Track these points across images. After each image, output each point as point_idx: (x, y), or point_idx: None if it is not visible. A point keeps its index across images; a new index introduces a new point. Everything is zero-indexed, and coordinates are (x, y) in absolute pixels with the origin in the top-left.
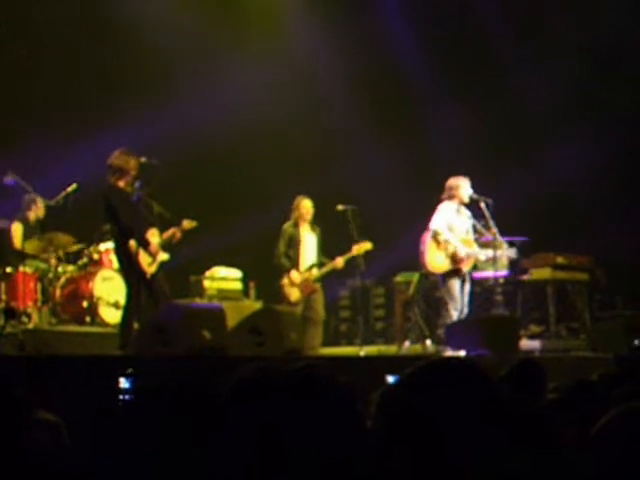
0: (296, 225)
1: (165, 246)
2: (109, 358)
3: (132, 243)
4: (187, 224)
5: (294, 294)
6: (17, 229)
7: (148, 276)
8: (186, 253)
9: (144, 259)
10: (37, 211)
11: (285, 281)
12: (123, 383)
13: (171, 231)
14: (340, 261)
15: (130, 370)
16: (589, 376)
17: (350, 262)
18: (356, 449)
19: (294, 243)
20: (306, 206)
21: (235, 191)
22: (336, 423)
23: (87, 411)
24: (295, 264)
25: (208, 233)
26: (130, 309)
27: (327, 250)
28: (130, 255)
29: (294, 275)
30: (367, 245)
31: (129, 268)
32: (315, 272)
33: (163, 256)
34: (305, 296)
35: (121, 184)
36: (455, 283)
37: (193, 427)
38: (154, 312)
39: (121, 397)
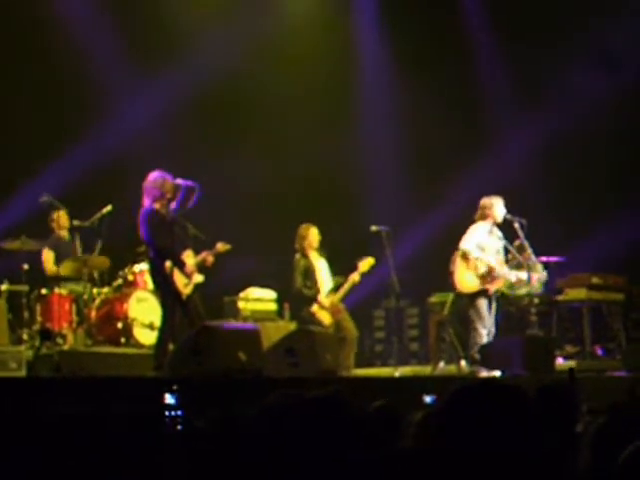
0: (305, 255)
1: (199, 268)
2: (146, 379)
3: (168, 264)
4: (221, 247)
5: (326, 318)
6: (48, 256)
7: (183, 297)
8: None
9: (179, 280)
10: (62, 223)
11: (315, 308)
12: (168, 399)
13: (204, 254)
14: (356, 276)
15: (175, 387)
16: (623, 397)
17: (385, 283)
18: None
19: (309, 273)
20: (313, 234)
21: (269, 212)
22: (355, 448)
23: (131, 431)
24: (317, 292)
25: (242, 254)
26: (165, 330)
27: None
28: (166, 276)
29: (323, 299)
30: (370, 260)
31: (165, 289)
32: (337, 294)
33: (198, 278)
34: (335, 318)
35: (157, 206)
36: (483, 303)
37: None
38: (189, 333)
39: (167, 413)
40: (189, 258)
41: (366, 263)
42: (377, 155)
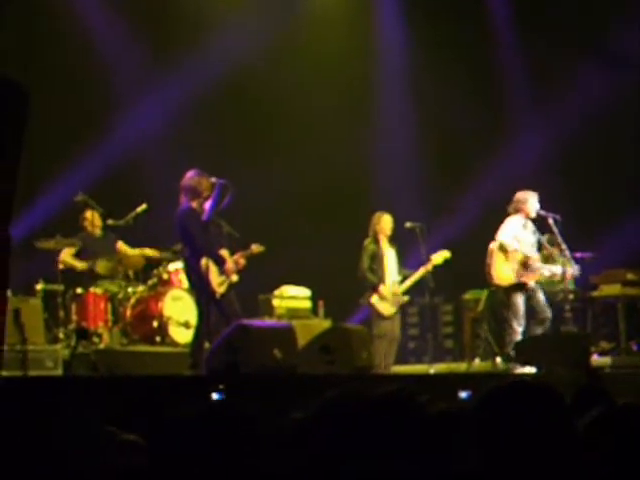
0: (376, 241)
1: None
2: (183, 378)
3: (203, 262)
4: (255, 249)
5: (387, 309)
6: (65, 252)
7: (218, 296)
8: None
9: (215, 279)
10: (94, 222)
11: (374, 298)
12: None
13: (236, 256)
14: (429, 268)
15: (221, 386)
16: None
17: (418, 280)
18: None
19: (377, 259)
20: (386, 221)
21: (303, 210)
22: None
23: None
24: (381, 279)
25: (277, 252)
26: (201, 329)
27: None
28: (201, 275)
29: (383, 289)
30: (446, 253)
31: (200, 288)
32: (403, 285)
33: (233, 277)
34: (397, 310)
35: (194, 205)
36: (519, 298)
37: None
38: (225, 331)
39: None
40: (226, 257)
41: (440, 256)
42: (402, 151)
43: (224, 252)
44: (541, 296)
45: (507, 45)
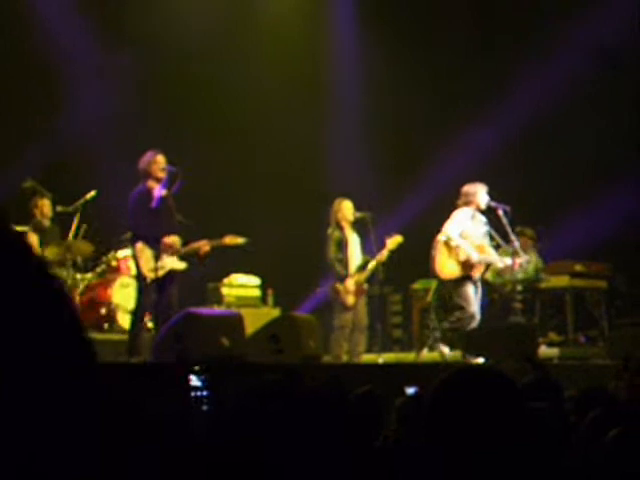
0: (340, 228)
1: (187, 255)
2: (128, 366)
3: (138, 246)
4: (230, 239)
5: (350, 299)
6: (32, 240)
7: (149, 281)
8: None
9: (146, 264)
10: (45, 211)
11: (340, 287)
12: (194, 381)
13: (201, 243)
14: (384, 254)
15: (198, 367)
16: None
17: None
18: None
19: (342, 246)
20: (347, 207)
21: (252, 197)
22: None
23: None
24: (346, 268)
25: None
26: (136, 313)
27: None
28: (136, 258)
29: (349, 283)
30: (399, 238)
31: (137, 272)
32: (363, 273)
33: (176, 264)
34: (358, 300)
35: (151, 185)
36: (469, 288)
37: None
38: (172, 319)
39: (194, 394)
40: (172, 244)
41: (394, 241)
42: (354, 138)
43: (173, 238)
44: (480, 293)
45: (459, 35)
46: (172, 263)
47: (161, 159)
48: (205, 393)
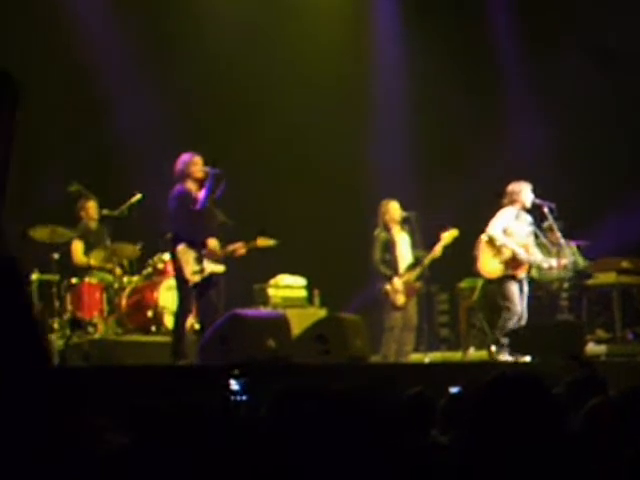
0: (387, 229)
1: (225, 258)
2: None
3: (180, 248)
4: (261, 242)
5: (400, 299)
6: (77, 247)
7: (191, 284)
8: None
9: (189, 267)
10: (91, 214)
11: (388, 287)
12: (233, 385)
13: (237, 245)
14: (438, 249)
15: (237, 371)
16: None
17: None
18: None
19: (389, 247)
20: (394, 208)
21: (299, 199)
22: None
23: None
24: (395, 269)
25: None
26: (180, 316)
27: None
28: (177, 260)
29: (396, 282)
30: (454, 232)
31: (177, 274)
32: (414, 272)
33: (215, 268)
34: (409, 299)
35: (188, 187)
36: (513, 287)
37: None
38: (218, 321)
39: (234, 398)
40: (213, 247)
41: (449, 235)
42: (398, 139)
43: (212, 242)
44: (525, 291)
45: (504, 36)
46: (212, 266)
47: (199, 160)
48: (244, 397)
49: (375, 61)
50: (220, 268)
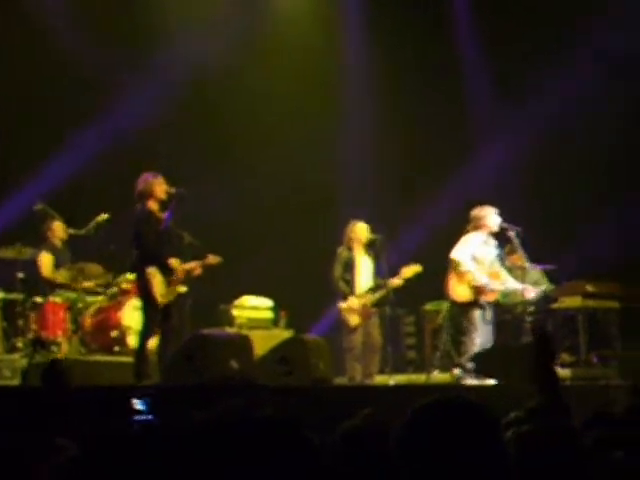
0: (350, 249)
1: (184, 278)
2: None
3: (149, 270)
4: (212, 259)
5: (353, 319)
6: (46, 259)
7: (160, 305)
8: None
9: (159, 288)
10: (58, 234)
11: (344, 306)
12: (137, 405)
13: (192, 264)
14: (398, 281)
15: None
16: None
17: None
18: None
19: (350, 267)
20: (361, 229)
21: (264, 219)
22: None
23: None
24: (352, 288)
25: (239, 261)
26: (144, 337)
27: None
28: (146, 282)
29: (352, 301)
30: (417, 268)
31: (144, 295)
32: (372, 296)
33: (179, 288)
34: (364, 321)
35: (151, 207)
36: (476, 313)
37: None
38: (184, 341)
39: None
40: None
41: (410, 270)
42: (366, 160)
43: (174, 262)
44: (490, 316)
45: (469, 52)
46: (179, 288)
47: (162, 180)
48: (149, 417)
49: (343, 77)
50: (183, 288)
